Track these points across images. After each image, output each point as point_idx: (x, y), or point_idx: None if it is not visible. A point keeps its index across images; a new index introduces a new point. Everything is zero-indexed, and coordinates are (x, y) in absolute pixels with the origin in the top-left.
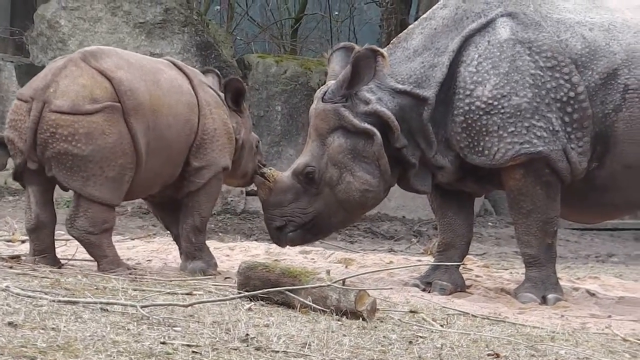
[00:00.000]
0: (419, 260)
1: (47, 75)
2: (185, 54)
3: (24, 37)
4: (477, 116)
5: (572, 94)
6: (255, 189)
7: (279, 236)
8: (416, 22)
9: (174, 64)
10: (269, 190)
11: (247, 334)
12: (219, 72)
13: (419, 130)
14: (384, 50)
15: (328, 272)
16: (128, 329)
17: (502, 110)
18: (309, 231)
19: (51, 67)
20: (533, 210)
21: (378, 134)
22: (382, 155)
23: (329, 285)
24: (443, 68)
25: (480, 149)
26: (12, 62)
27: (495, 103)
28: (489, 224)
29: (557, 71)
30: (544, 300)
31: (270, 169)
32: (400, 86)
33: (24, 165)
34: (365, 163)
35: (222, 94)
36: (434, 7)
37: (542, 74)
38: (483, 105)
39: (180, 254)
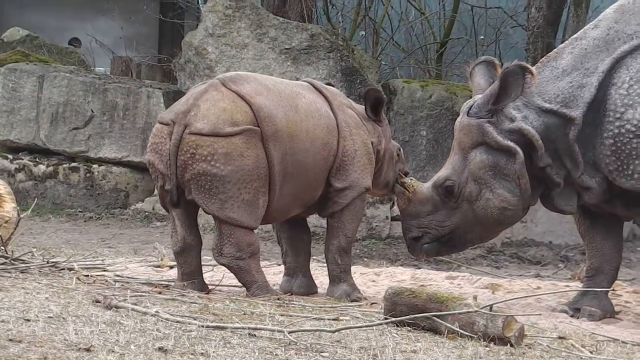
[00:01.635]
0: (567, 286)
1: (189, 99)
2: (331, 79)
3: (172, 64)
4: (627, 139)
5: None
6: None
7: (414, 246)
8: (567, 42)
9: (314, 86)
10: (408, 200)
11: None
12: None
13: (565, 150)
14: (532, 68)
15: (475, 297)
16: (276, 355)
17: None
18: (445, 244)
19: (192, 92)
20: None
21: (520, 152)
22: (523, 174)
23: (476, 311)
24: (592, 89)
25: (630, 172)
26: (160, 89)
27: None
28: (638, 249)
29: None
30: None
31: (410, 179)
32: (547, 105)
33: (165, 189)
34: (506, 181)
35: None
36: (585, 27)
37: None
38: (633, 129)
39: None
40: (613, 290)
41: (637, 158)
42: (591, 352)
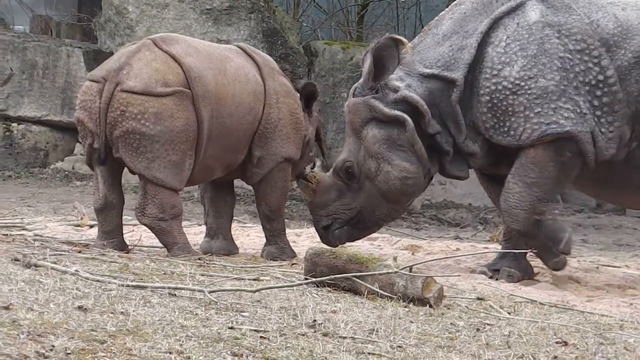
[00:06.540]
0: (486, 248)
1: (121, 58)
2: (252, 40)
3: (92, 24)
4: (504, 96)
5: (601, 77)
6: None
7: (327, 235)
8: (447, 9)
9: (244, 51)
10: (313, 192)
11: (315, 320)
12: None
13: (448, 115)
14: (403, 38)
15: (395, 258)
16: (196, 314)
17: (529, 92)
18: (355, 227)
19: (124, 52)
20: (536, 183)
21: (409, 119)
22: (415, 140)
23: (396, 272)
24: (471, 50)
25: (506, 129)
26: (80, 48)
27: (522, 84)
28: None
29: (586, 54)
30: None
31: (312, 171)
32: (427, 70)
33: (93, 147)
34: (401, 151)
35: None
36: None
37: (570, 57)
38: (510, 86)
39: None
40: (531, 252)
41: (513, 115)
42: (509, 313)
